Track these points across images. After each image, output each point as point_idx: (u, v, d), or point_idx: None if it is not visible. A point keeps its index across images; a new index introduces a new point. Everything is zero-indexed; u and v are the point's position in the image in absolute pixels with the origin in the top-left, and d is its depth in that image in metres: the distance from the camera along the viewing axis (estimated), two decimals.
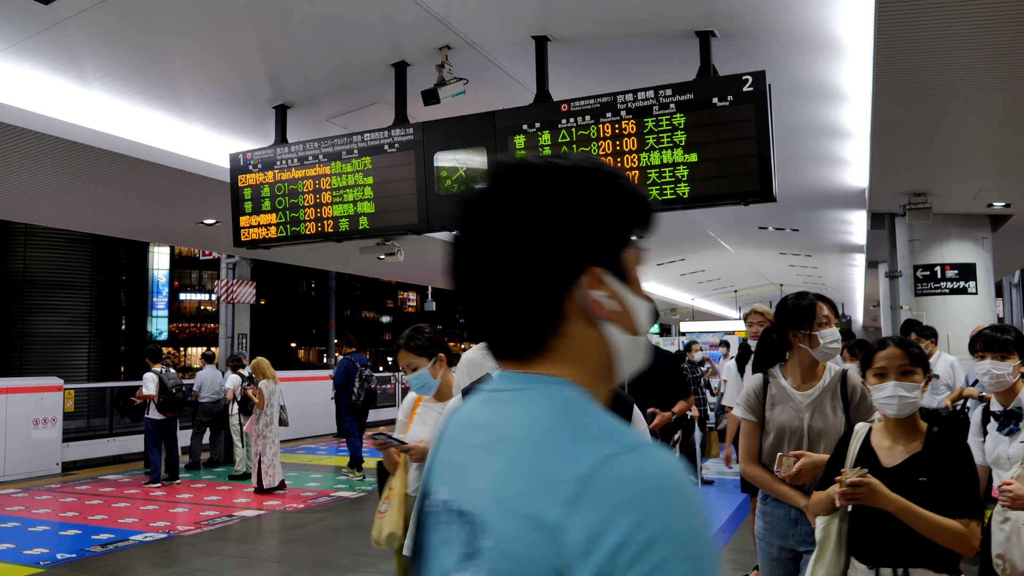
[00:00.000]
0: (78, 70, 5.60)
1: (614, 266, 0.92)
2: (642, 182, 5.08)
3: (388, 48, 5.67)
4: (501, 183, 0.92)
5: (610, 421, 0.82)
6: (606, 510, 0.71)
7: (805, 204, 10.72)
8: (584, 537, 0.71)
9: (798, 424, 3.02)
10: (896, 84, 5.29)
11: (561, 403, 0.84)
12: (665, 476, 0.74)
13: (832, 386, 3.05)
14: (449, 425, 0.97)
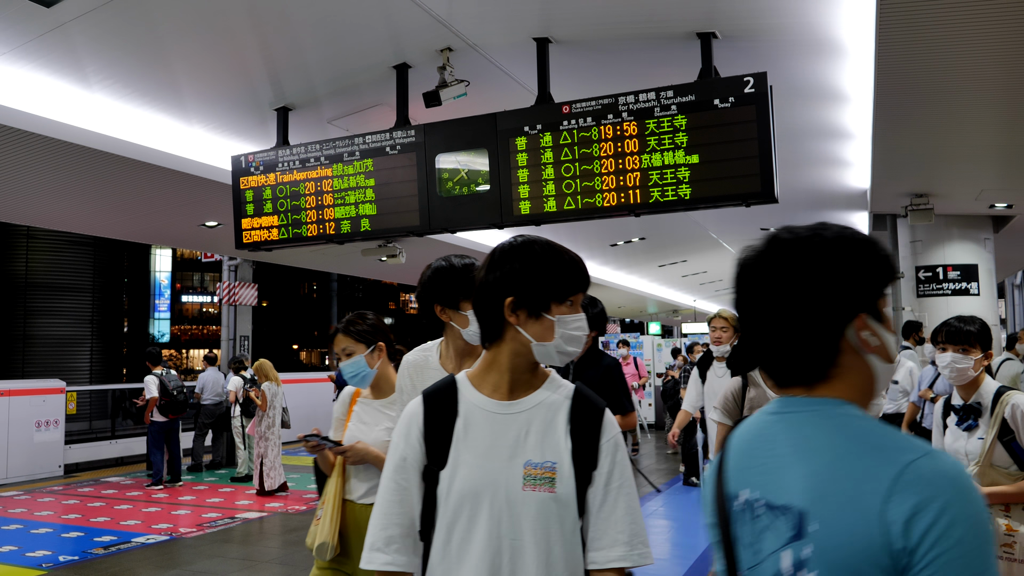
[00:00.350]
0: (80, 73, 5.61)
1: (874, 311, 1.18)
2: (644, 184, 5.08)
3: (389, 50, 5.67)
4: (784, 253, 1.22)
5: (897, 433, 1.09)
6: (917, 499, 0.98)
7: (807, 205, 10.71)
8: (903, 519, 0.98)
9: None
10: (897, 85, 5.29)
11: (855, 420, 1.13)
12: (956, 474, 1.01)
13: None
14: (735, 441, 1.29)
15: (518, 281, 1.62)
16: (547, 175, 5.33)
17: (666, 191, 5.02)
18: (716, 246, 15.11)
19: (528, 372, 1.69)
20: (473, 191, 5.61)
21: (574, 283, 1.68)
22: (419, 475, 1.65)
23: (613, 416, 1.72)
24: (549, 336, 1.65)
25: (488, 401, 1.68)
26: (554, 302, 1.65)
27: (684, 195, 4.99)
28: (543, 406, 1.68)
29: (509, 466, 1.60)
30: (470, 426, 1.66)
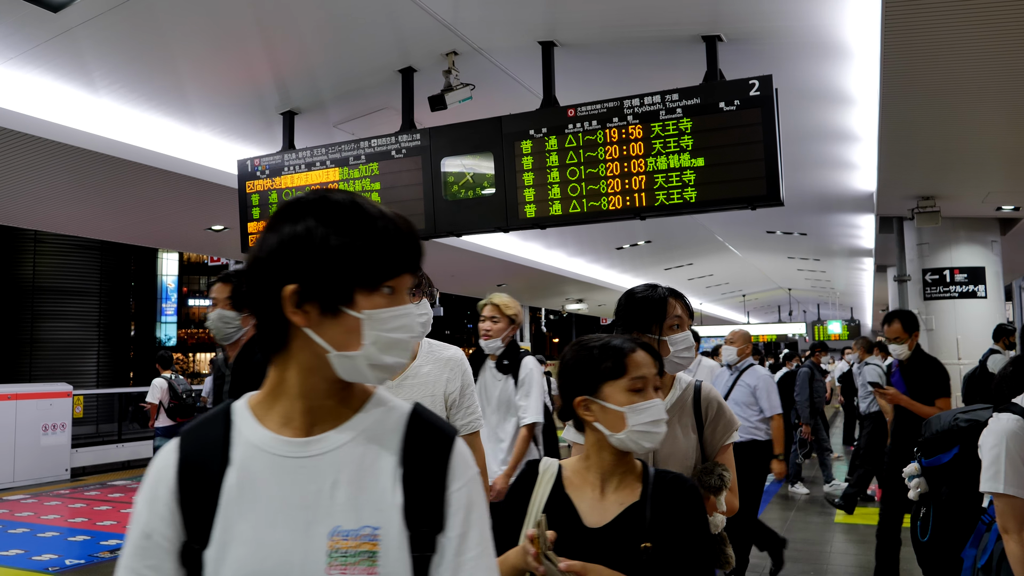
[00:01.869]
0: (86, 77, 5.63)
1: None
2: (649, 187, 5.07)
3: (395, 54, 5.68)
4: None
5: None
6: None
7: (813, 208, 10.69)
8: None
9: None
10: (904, 87, 5.27)
11: None
12: None
13: (683, 402, 2.40)
14: None
15: (303, 258, 1.08)
16: (552, 178, 5.33)
17: (671, 194, 5.02)
18: (722, 249, 15.10)
19: (332, 396, 1.14)
20: (478, 194, 5.61)
21: (393, 259, 1.12)
22: (173, 559, 1.10)
23: (469, 449, 1.20)
24: (354, 343, 1.09)
25: (275, 441, 1.12)
26: (361, 290, 1.09)
27: (689, 198, 4.98)
28: (360, 443, 1.13)
29: (307, 538, 1.07)
30: (248, 480, 1.10)
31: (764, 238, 13.66)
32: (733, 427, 2.38)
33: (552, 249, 13.49)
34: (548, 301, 21.71)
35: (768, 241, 14.04)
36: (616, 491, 1.78)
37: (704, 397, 2.40)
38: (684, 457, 2.31)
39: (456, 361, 2.74)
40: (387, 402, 1.20)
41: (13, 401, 10.68)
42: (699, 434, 2.36)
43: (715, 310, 28.70)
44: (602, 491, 1.78)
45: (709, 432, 2.37)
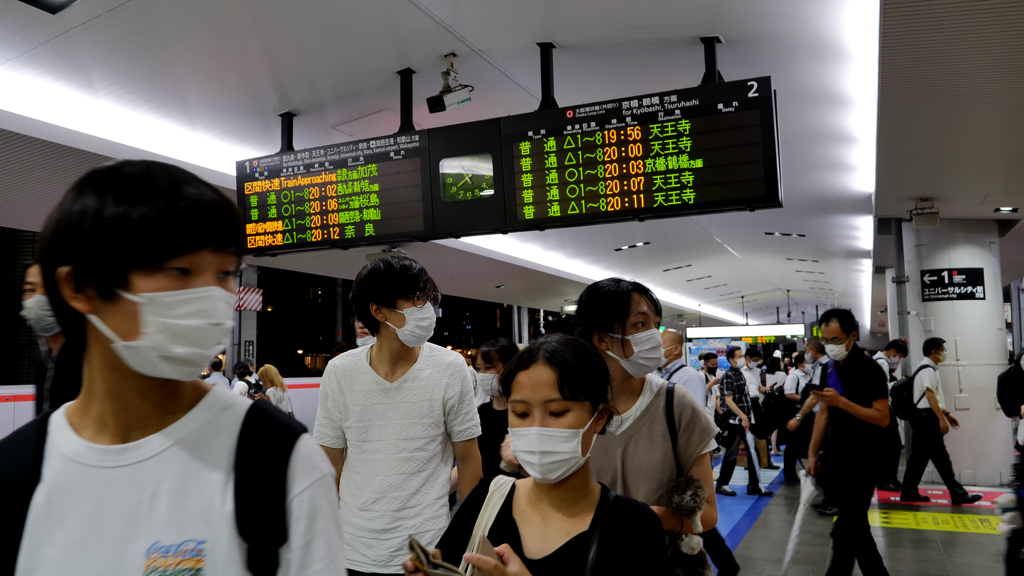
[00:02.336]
0: (85, 79, 5.63)
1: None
2: (648, 188, 5.08)
3: (394, 56, 5.69)
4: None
5: None
6: None
7: (811, 209, 10.70)
8: None
9: (610, 464, 2.13)
10: (902, 89, 5.28)
11: None
12: None
13: (654, 409, 2.19)
14: None
15: (74, 235, 0.95)
16: (551, 180, 5.33)
17: (670, 195, 5.02)
18: (721, 250, 15.10)
19: (147, 395, 0.99)
20: (477, 196, 5.61)
21: (182, 234, 0.95)
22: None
23: (319, 450, 1.06)
24: (133, 331, 0.93)
25: (88, 450, 0.98)
26: (139, 270, 0.93)
27: (688, 199, 4.98)
28: (186, 446, 0.98)
29: (120, 558, 0.93)
30: (59, 497, 0.96)
31: (762, 239, 13.67)
32: (710, 434, 2.18)
33: (551, 250, 13.49)
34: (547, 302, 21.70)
35: (766, 242, 14.05)
36: (566, 518, 1.56)
37: (677, 401, 2.18)
38: (656, 470, 2.11)
39: (456, 367, 2.70)
40: (223, 400, 1.04)
41: (12, 403, 10.67)
42: (673, 443, 2.15)
43: (714, 311, 28.71)
44: (549, 517, 1.57)
45: (683, 441, 2.15)
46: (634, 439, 2.14)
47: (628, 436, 2.15)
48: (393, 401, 2.61)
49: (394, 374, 2.65)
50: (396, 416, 2.60)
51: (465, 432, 2.70)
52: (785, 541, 5.97)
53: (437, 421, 2.62)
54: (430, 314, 2.63)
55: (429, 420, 2.61)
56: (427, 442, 2.60)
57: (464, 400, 2.68)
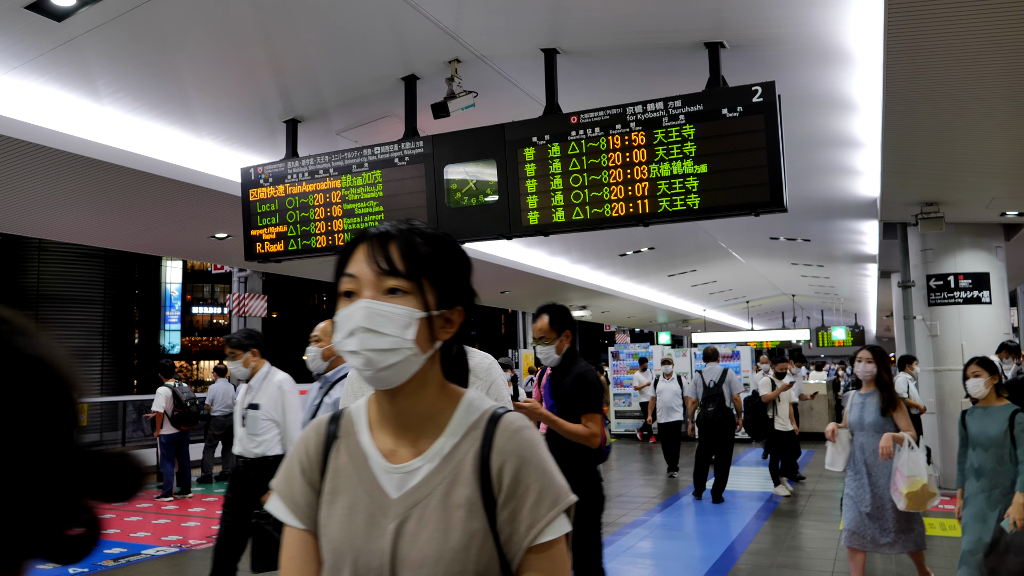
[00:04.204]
0: (91, 86, 5.65)
1: None
2: (652, 193, 5.07)
3: (398, 62, 5.70)
4: None
5: None
6: None
7: (817, 214, 10.68)
8: None
9: (375, 549, 1.20)
10: (907, 93, 5.27)
11: None
12: None
13: (461, 456, 1.23)
14: None
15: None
16: (555, 185, 5.33)
17: (675, 201, 5.01)
18: (726, 255, 15.08)
19: None
20: (481, 202, 5.61)
21: None
22: None
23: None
24: None
25: None
26: None
27: (693, 205, 4.97)
28: None
29: None
30: None
31: (768, 244, 13.65)
32: (557, 504, 1.19)
33: (555, 256, 13.48)
34: None
35: (772, 247, 14.03)
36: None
37: (501, 444, 1.22)
38: (450, 569, 1.17)
39: (482, 369, 2.35)
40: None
41: None
42: (489, 520, 1.19)
43: (719, 317, 28.66)
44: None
45: (506, 518, 1.19)
46: (419, 509, 1.20)
47: (411, 503, 1.21)
48: None
49: None
50: None
51: None
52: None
53: None
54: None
55: None
56: None
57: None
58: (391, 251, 1.22)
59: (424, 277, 1.22)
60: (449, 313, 1.26)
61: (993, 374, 4.57)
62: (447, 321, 1.26)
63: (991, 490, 4.44)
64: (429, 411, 1.26)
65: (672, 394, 11.62)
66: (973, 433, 4.58)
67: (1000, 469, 4.43)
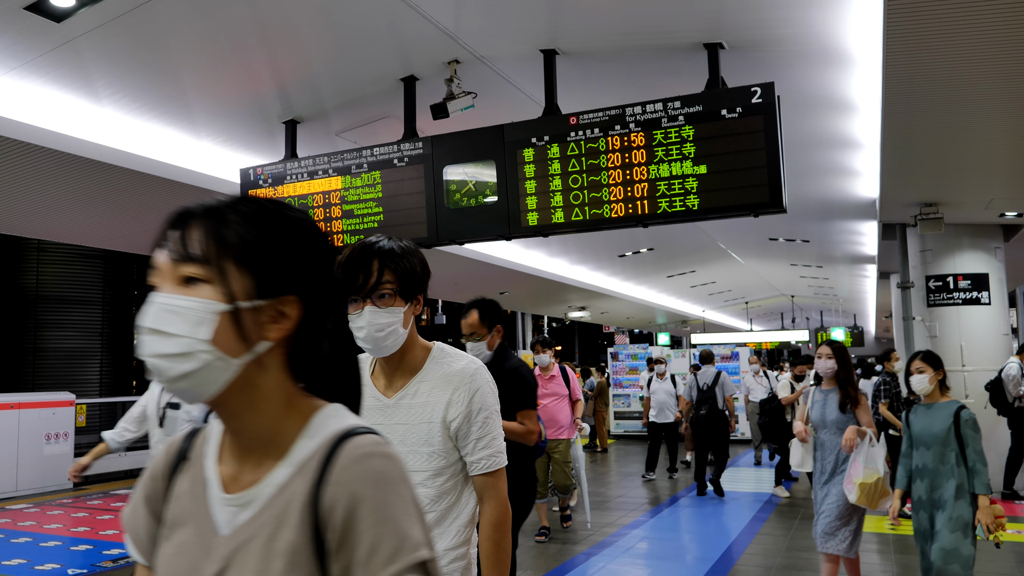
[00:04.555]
0: (90, 87, 5.65)
1: None
2: (651, 194, 5.07)
3: (397, 63, 5.70)
4: None
5: None
6: None
7: (816, 215, 10.68)
8: None
9: None
10: (906, 94, 5.27)
11: None
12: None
13: (291, 493, 0.99)
14: None
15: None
16: (554, 186, 5.33)
17: (674, 202, 5.02)
18: (725, 256, 15.08)
19: None
20: (481, 202, 5.61)
21: None
22: None
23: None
24: None
25: None
26: None
27: (692, 205, 4.98)
28: None
29: None
30: None
31: (767, 245, 13.65)
32: (402, 558, 0.93)
33: (555, 257, 13.49)
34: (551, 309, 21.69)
35: (771, 248, 14.04)
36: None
37: (335, 478, 0.97)
38: None
39: (464, 376, 2.05)
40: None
41: (16, 410, 10.68)
42: (321, 574, 0.96)
43: (718, 317, 28.67)
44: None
45: (339, 571, 0.96)
46: (242, 555, 0.98)
47: (235, 545, 0.99)
48: (391, 422, 2.05)
49: (392, 387, 2.09)
50: (395, 442, 2.01)
51: (480, 463, 2.02)
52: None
53: (440, 450, 2.01)
54: (365, 323, 1.95)
55: (429, 449, 2.01)
56: (430, 477, 2.01)
57: (477, 420, 2.02)
58: (190, 233, 0.99)
59: (230, 261, 0.98)
60: (279, 305, 1.01)
61: (938, 369, 4.35)
62: (278, 315, 1.01)
63: (932, 491, 4.23)
64: (269, 432, 1.02)
65: (666, 394, 11.45)
66: (916, 431, 4.36)
67: (942, 469, 4.22)
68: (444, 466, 2.02)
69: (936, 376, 4.34)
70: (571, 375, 7.29)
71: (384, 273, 1.95)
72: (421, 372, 2.07)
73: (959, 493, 4.13)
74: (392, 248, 1.98)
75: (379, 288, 1.95)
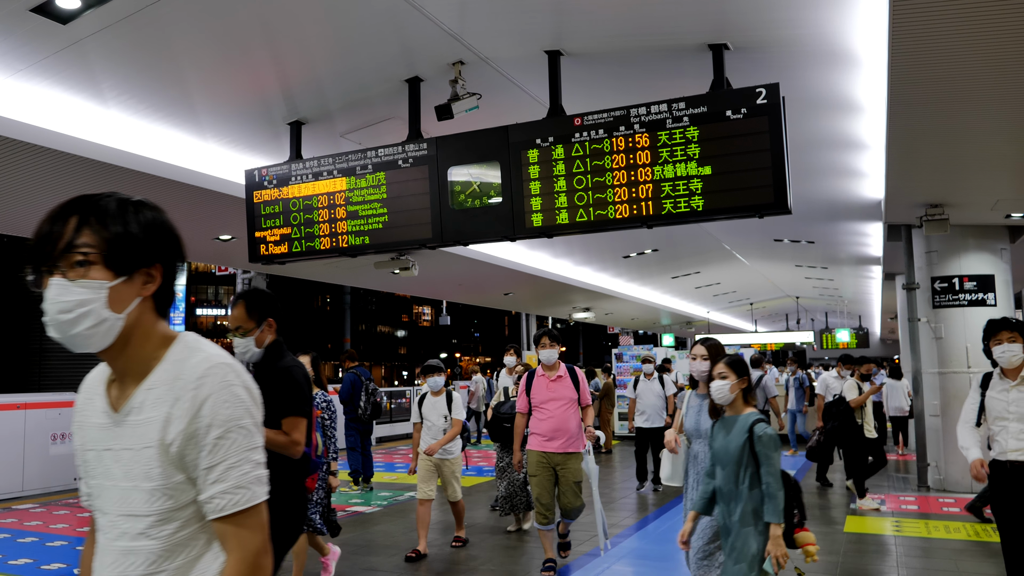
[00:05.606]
0: (95, 89, 5.66)
1: None
2: (656, 195, 5.06)
3: (402, 64, 5.70)
4: None
5: None
6: None
7: (821, 216, 10.66)
8: None
9: None
10: (911, 95, 5.26)
11: None
12: None
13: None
14: None
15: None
16: (559, 187, 5.33)
17: (679, 203, 5.01)
18: (730, 257, 15.06)
19: None
20: (485, 203, 5.61)
21: None
22: None
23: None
24: None
25: None
26: None
27: (697, 207, 4.97)
28: None
29: None
30: None
31: (772, 246, 13.63)
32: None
33: (559, 258, 13.48)
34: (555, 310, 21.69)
35: (776, 249, 14.01)
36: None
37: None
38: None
39: (188, 382, 1.45)
40: None
41: (22, 411, 10.71)
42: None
43: (723, 319, 28.63)
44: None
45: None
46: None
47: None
48: (120, 447, 1.49)
49: (123, 396, 1.53)
50: (119, 473, 1.49)
51: (214, 503, 1.44)
52: None
53: (162, 487, 1.44)
54: (47, 302, 1.47)
55: (149, 484, 1.44)
56: (154, 524, 1.45)
57: (206, 443, 1.43)
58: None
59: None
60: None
61: (742, 376, 3.79)
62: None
63: (728, 517, 3.71)
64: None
65: (655, 396, 10.34)
66: (716, 448, 3.80)
67: (736, 491, 3.66)
68: (172, 508, 1.45)
69: (740, 384, 3.78)
70: (580, 376, 6.16)
71: (81, 233, 1.44)
72: (151, 376, 1.49)
73: (745, 520, 3.61)
74: (102, 203, 1.48)
75: (70, 253, 1.43)
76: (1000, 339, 4.38)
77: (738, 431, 3.69)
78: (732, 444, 3.69)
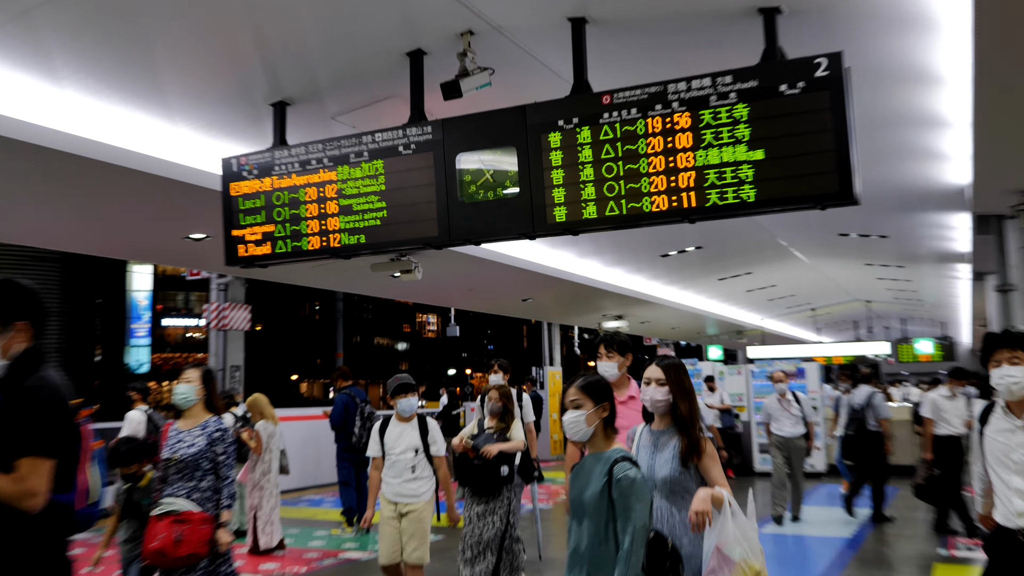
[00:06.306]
0: (48, 66, 5.74)
1: None
2: (699, 184, 5.08)
3: (402, 35, 5.75)
4: None
5: None
6: None
7: (895, 206, 10.63)
8: None
9: None
10: (1003, 62, 5.25)
11: None
12: None
13: None
14: None
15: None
16: (585, 176, 5.36)
17: (725, 193, 5.02)
18: (787, 255, 15.02)
19: None
20: (500, 196, 5.65)
21: None
22: None
23: None
24: None
25: None
26: None
27: (747, 197, 4.98)
28: None
29: None
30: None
31: (836, 242, 13.59)
32: None
33: (586, 258, 13.50)
34: (582, 318, 21.69)
35: (841, 245, 13.96)
36: None
37: None
38: None
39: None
40: None
41: None
42: None
43: (779, 327, 28.52)
44: None
45: None
46: None
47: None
48: None
49: None
50: None
51: None
52: None
53: None
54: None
55: None
56: None
57: None
58: None
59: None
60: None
61: (601, 402, 3.52)
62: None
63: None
64: None
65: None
66: (572, 496, 3.52)
67: (601, 552, 3.32)
68: None
69: (599, 412, 3.50)
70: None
71: None
72: None
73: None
74: None
75: None
76: (999, 360, 4.00)
77: (598, 475, 3.38)
78: (591, 489, 3.40)
